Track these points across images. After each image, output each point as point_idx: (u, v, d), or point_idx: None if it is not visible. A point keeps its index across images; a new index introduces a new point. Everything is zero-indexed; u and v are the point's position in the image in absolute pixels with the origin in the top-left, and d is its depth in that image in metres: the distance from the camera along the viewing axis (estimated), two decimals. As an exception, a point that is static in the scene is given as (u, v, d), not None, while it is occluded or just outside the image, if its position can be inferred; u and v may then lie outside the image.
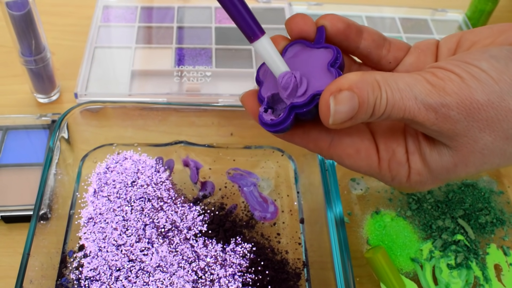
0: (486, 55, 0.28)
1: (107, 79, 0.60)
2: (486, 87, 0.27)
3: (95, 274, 0.43)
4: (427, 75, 0.27)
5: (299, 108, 0.29)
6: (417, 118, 0.27)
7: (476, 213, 0.50)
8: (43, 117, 0.55)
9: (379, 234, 0.48)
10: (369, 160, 0.31)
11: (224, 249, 0.45)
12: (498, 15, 0.73)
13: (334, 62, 0.29)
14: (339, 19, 0.31)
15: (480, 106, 0.27)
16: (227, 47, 0.65)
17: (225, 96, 0.58)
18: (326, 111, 0.27)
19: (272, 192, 0.51)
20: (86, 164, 0.51)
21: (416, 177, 0.31)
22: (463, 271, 0.47)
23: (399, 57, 0.33)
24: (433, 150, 0.29)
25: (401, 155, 0.31)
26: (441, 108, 0.27)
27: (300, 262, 0.46)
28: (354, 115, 0.27)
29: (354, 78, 0.27)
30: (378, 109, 0.27)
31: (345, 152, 0.31)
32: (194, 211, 0.47)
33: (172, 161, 0.51)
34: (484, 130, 0.27)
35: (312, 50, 0.31)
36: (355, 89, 0.26)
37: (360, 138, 0.31)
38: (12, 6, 0.48)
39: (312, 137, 0.31)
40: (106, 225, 0.45)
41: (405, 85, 0.27)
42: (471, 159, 0.28)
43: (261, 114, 0.30)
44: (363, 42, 0.32)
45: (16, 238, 0.48)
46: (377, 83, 0.27)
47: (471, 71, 0.27)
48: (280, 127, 0.29)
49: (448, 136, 0.28)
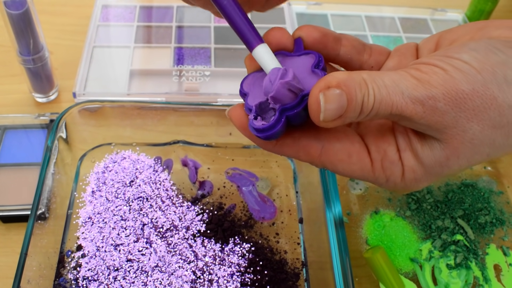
0: (466, 48, 0.28)
1: (106, 79, 0.60)
2: (470, 77, 0.27)
3: (93, 274, 0.42)
4: (412, 71, 0.28)
5: (289, 110, 0.29)
6: (405, 113, 0.27)
7: (475, 213, 0.50)
8: (41, 116, 0.55)
9: (378, 234, 0.48)
10: (361, 163, 0.31)
11: (222, 249, 0.45)
12: (498, 15, 0.73)
13: (318, 64, 0.30)
14: (314, 29, 0.32)
15: (465, 96, 0.27)
16: (226, 46, 0.65)
17: (224, 95, 0.58)
18: (316, 108, 0.27)
19: (271, 192, 0.51)
20: (84, 163, 0.51)
21: (411, 175, 0.31)
22: (462, 271, 0.47)
23: (380, 61, 0.34)
24: (424, 145, 0.29)
25: (393, 154, 0.31)
26: (427, 100, 0.27)
27: (299, 262, 0.46)
28: (343, 113, 0.27)
29: (341, 76, 0.27)
30: (366, 106, 0.27)
31: (337, 157, 0.31)
32: (193, 211, 0.47)
33: (170, 160, 0.51)
34: (471, 119, 0.28)
35: (293, 57, 0.31)
36: (343, 86, 0.27)
37: (350, 142, 0.31)
38: (10, 5, 0.48)
39: (302, 145, 0.31)
40: (104, 225, 0.45)
41: (391, 81, 0.27)
42: (462, 150, 0.29)
43: (251, 121, 0.30)
44: (342, 49, 0.33)
45: (14, 238, 0.48)
46: (364, 81, 0.27)
47: (453, 63, 0.27)
48: (272, 131, 0.29)
49: (437, 129, 0.28)
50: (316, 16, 0.72)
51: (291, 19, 0.70)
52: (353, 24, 0.71)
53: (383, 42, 0.69)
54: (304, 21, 0.70)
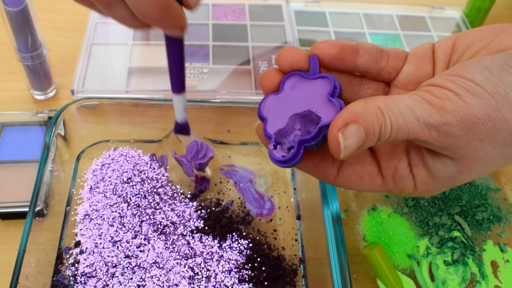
0: (479, 66, 0.28)
1: (104, 76, 0.60)
2: (482, 101, 0.28)
3: (91, 271, 0.42)
4: (425, 95, 0.28)
5: (307, 142, 0.30)
6: (421, 138, 0.28)
7: (473, 210, 0.50)
8: (39, 113, 0.55)
9: (376, 230, 0.48)
10: (372, 183, 0.33)
11: (220, 245, 0.45)
12: (496, 12, 0.73)
13: (333, 92, 0.30)
14: (330, 46, 0.32)
15: (478, 121, 0.28)
16: (224, 44, 0.65)
17: (222, 93, 0.58)
18: (336, 147, 0.28)
19: (269, 189, 0.51)
20: (82, 160, 0.51)
21: (423, 187, 0.32)
22: (459, 268, 0.47)
23: (398, 66, 0.34)
24: (437, 161, 0.31)
25: (403, 170, 0.32)
26: (442, 126, 0.28)
27: (296, 259, 0.46)
28: (361, 145, 0.28)
29: (358, 110, 0.28)
30: (384, 135, 0.28)
31: (349, 180, 0.33)
32: (191, 207, 0.47)
33: (165, 157, 0.51)
34: (483, 140, 0.28)
35: (309, 81, 0.32)
36: (360, 120, 0.27)
37: (361, 165, 0.33)
38: (8, 2, 0.48)
39: (321, 169, 0.33)
40: (102, 221, 0.45)
41: (406, 108, 0.28)
42: (474, 166, 0.30)
43: (271, 151, 0.31)
44: (360, 60, 0.32)
45: (13, 235, 0.48)
46: (380, 111, 0.28)
47: (466, 86, 0.28)
48: (292, 163, 0.31)
49: (451, 149, 0.29)
50: (314, 14, 0.72)
51: (289, 17, 0.70)
52: (351, 22, 0.71)
53: (381, 40, 0.69)
54: (302, 19, 0.70)
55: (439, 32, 0.71)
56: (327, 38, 0.68)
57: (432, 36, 0.70)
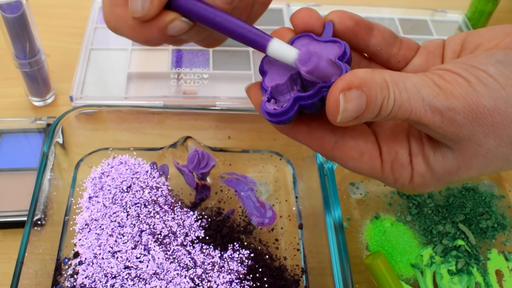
0: (492, 59, 0.28)
1: (103, 82, 0.59)
2: (493, 92, 0.27)
3: (90, 282, 0.42)
4: (435, 77, 0.27)
5: (304, 100, 0.28)
6: (423, 120, 0.27)
7: (477, 218, 0.50)
8: (38, 120, 0.54)
9: (379, 239, 0.48)
10: (371, 163, 0.31)
11: (221, 255, 0.44)
12: (498, 15, 0.73)
13: (342, 56, 0.29)
14: (348, 16, 0.31)
15: (486, 112, 0.27)
16: (224, 48, 0.64)
17: (222, 98, 0.58)
18: (334, 109, 0.27)
19: (270, 197, 0.51)
20: (81, 169, 0.51)
21: (419, 179, 0.31)
22: (464, 277, 0.46)
23: (408, 56, 0.33)
24: (437, 152, 0.29)
25: (404, 157, 0.31)
26: (447, 111, 0.27)
27: (298, 269, 0.46)
28: (360, 114, 0.27)
29: (364, 76, 0.26)
30: (385, 109, 0.27)
31: (348, 154, 0.31)
32: (191, 217, 0.46)
33: (166, 166, 0.50)
34: (489, 135, 0.27)
35: (319, 43, 0.30)
36: (364, 87, 0.26)
37: (364, 141, 0.31)
38: (5, 9, 0.47)
39: (317, 136, 0.31)
40: (101, 231, 0.44)
41: (412, 86, 0.27)
42: (474, 162, 0.29)
43: (263, 103, 0.30)
44: (373, 40, 0.32)
45: (11, 244, 0.47)
46: (386, 83, 0.27)
47: (478, 75, 0.27)
48: (283, 118, 0.29)
49: (452, 139, 0.28)
50: (315, 18, 0.71)
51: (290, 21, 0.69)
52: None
53: (383, 43, 0.68)
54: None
55: (441, 35, 0.70)
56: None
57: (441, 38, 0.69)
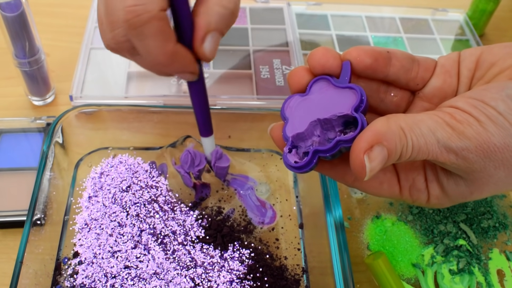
0: (503, 93, 0.29)
1: (103, 81, 0.59)
2: (503, 130, 0.28)
3: (90, 282, 0.42)
4: (446, 117, 0.29)
5: (323, 153, 0.30)
6: (439, 159, 0.29)
7: (478, 217, 0.49)
8: (37, 120, 0.54)
9: (380, 239, 0.48)
10: (390, 190, 0.33)
11: (222, 255, 0.44)
12: (500, 14, 0.73)
13: (358, 106, 0.30)
14: (366, 53, 0.32)
15: (497, 149, 0.28)
16: (224, 48, 0.64)
17: (223, 98, 0.57)
18: (362, 170, 0.28)
19: (271, 197, 0.50)
20: (81, 168, 0.50)
21: (435, 201, 0.33)
22: (465, 277, 0.46)
23: (426, 78, 0.34)
24: (450, 180, 0.31)
25: (421, 183, 0.33)
26: (461, 151, 0.28)
27: (299, 268, 0.45)
28: (383, 165, 0.28)
29: (381, 130, 0.28)
30: (405, 155, 0.28)
31: (369, 185, 0.33)
32: (191, 216, 0.46)
33: (165, 165, 0.50)
34: (499, 168, 0.29)
35: (336, 89, 0.31)
36: (384, 142, 0.28)
37: (383, 172, 0.33)
38: (5, 8, 0.47)
39: (339, 171, 0.33)
40: (101, 231, 0.44)
41: (427, 129, 0.28)
42: (486, 189, 0.31)
43: (285, 154, 0.32)
44: (391, 69, 0.33)
45: (10, 244, 0.47)
46: (403, 132, 0.28)
47: (488, 113, 0.28)
48: (304, 170, 0.31)
49: (465, 171, 0.30)
50: (316, 17, 0.71)
51: (290, 20, 0.69)
52: (353, 24, 0.71)
53: (384, 42, 0.68)
54: (304, 22, 0.69)
55: (442, 34, 0.70)
56: (329, 41, 0.68)
57: (436, 38, 0.69)
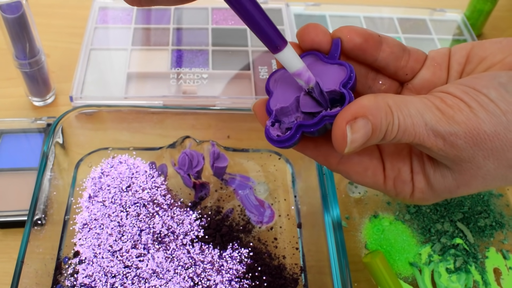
0: (495, 82, 0.28)
1: (103, 82, 0.59)
2: (494, 118, 0.27)
3: (90, 281, 0.42)
4: (437, 101, 0.28)
5: (307, 127, 0.29)
6: (426, 144, 0.28)
7: (475, 216, 0.50)
8: (38, 120, 0.54)
9: (378, 238, 0.48)
10: (375, 178, 0.32)
11: (221, 254, 0.44)
12: (497, 14, 0.73)
13: (347, 83, 0.29)
14: (356, 33, 0.31)
15: (486, 137, 0.27)
16: (223, 48, 0.64)
17: (222, 98, 0.58)
18: (342, 141, 0.27)
19: (269, 196, 0.51)
20: (81, 168, 0.51)
21: (420, 195, 0.32)
22: (462, 275, 0.46)
23: (416, 68, 0.33)
24: (437, 172, 0.30)
25: (406, 174, 0.32)
26: (449, 136, 0.27)
27: (297, 267, 0.46)
28: (366, 141, 0.27)
29: (368, 104, 0.27)
30: (390, 134, 0.28)
31: (353, 169, 0.32)
32: (191, 216, 0.47)
33: (164, 165, 0.51)
34: (488, 158, 0.28)
35: (325, 64, 0.30)
36: (369, 116, 0.27)
37: (369, 157, 0.32)
38: (5, 9, 0.48)
39: (323, 152, 0.32)
40: (101, 231, 0.44)
41: (416, 111, 0.27)
42: (473, 183, 0.29)
43: (267, 128, 0.30)
44: (381, 54, 0.32)
45: (11, 244, 0.47)
46: (390, 109, 0.27)
47: (480, 100, 0.27)
48: (286, 144, 0.29)
49: (453, 160, 0.28)
50: (315, 17, 0.71)
51: (289, 20, 0.69)
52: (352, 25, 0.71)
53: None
54: (302, 22, 0.70)
55: (440, 35, 0.71)
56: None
57: (433, 39, 0.70)
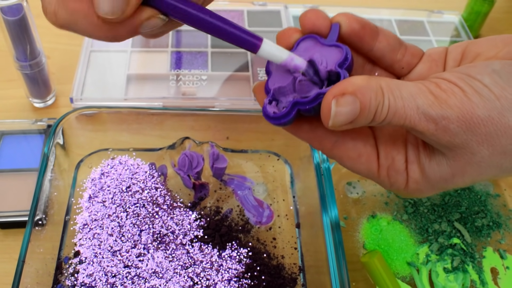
0: (489, 69, 0.28)
1: (103, 83, 0.60)
2: (488, 102, 0.27)
3: (90, 281, 0.42)
4: (431, 86, 0.28)
5: (302, 105, 0.29)
6: (417, 127, 0.28)
7: (472, 216, 0.50)
8: (38, 122, 0.55)
9: (375, 238, 0.48)
10: (368, 165, 0.32)
11: (220, 254, 0.45)
12: (495, 16, 0.73)
13: (342, 63, 0.29)
14: (355, 19, 0.31)
15: (480, 121, 0.27)
16: (222, 50, 0.65)
17: (221, 100, 0.58)
18: (327, 113, 0.27)
19: (268, 197, 0.51)
20: (81, 169, 0.51)
21: (414, 185, 0.31)
22: (459, 275, 0.47)
23: (412, 63, 0.33)
24: (432, 160, 0.30)
25: (400, 164, 0.31)
26: (441, 120, 0.27)
27: (296, 267, 0.46)
28: (354, 119, 0.27)
29: (359, 83, 0.27)
30: (379, 116, 0.27)
31: (346, 154, 0.32)
32: (190, 216, 0.47)
33: (164, 166, 0.51)
34: (482, 144, 0.28)
35: (323, 46, 0.31)
36: (358, 94, 0.27)
37: (363, 143, 0.32)
38: (6, 11, 0.48)
39: (318, 135, 0.32)
40: (101, 231, 0.45)
41: (408, 94, 0.27)
42: (468, 170, 0.29)
43: (265, 105, 0.31)
44: (377, 45, 0.32)
45: (12, 244, 0.48)
46: (381, 90, 0.27)
47: (473, 85, 0.27)
48: (282, 121, 0.30)
49: (447, 146, 0.28)
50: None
51: (288, 22, 0.70)
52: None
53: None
54: (301, 24, 0.70)
55: (438, 36, 0.71)
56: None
57: (431, 40, 0.70)
